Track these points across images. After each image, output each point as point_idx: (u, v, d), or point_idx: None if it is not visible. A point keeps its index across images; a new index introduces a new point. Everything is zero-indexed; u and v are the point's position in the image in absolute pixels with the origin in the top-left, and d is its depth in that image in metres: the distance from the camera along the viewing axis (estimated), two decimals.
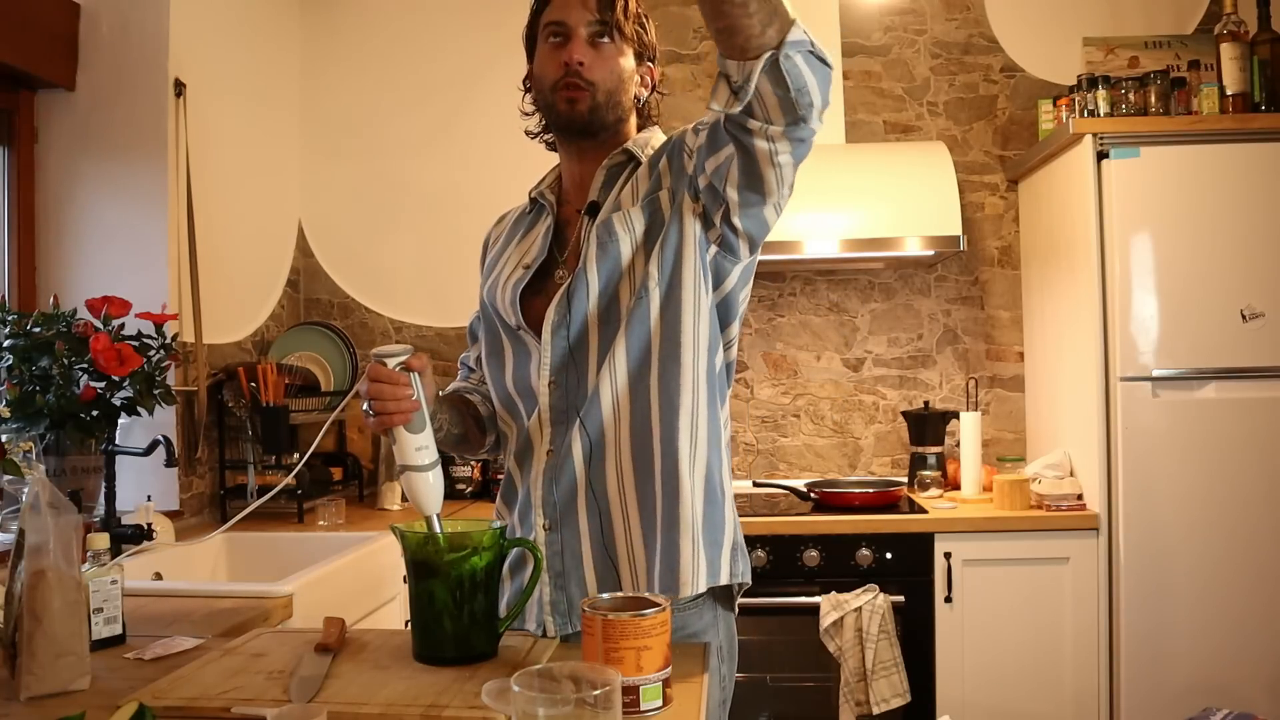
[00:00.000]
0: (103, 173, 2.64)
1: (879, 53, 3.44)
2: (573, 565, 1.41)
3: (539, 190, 1.55)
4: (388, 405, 1.26)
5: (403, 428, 1.27)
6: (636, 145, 1.48)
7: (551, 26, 1.45)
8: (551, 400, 1.42)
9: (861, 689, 2.60)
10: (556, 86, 1.44)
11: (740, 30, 1.13)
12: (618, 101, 1.46)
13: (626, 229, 1.40)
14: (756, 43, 1.13)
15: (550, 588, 1.41)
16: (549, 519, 1.42)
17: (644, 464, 1.38)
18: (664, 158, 1.45)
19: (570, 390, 1.41)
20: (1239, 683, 2.63)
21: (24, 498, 1.22)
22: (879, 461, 3.41)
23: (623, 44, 1.44)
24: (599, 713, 0.90)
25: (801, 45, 1.15)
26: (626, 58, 1.45)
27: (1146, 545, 2.67)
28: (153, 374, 2.28)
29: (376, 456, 3.30)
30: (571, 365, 1.41)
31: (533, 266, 1.46)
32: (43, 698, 1.18)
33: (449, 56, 3.45)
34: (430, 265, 3.46)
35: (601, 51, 1.43)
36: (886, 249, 2.94)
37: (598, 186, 1.47)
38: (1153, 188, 2.70)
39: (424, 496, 1.28)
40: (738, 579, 1.43)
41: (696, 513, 1.37)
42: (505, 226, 1.61)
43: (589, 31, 1.42)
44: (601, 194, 1.46)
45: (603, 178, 1.47)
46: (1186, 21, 3.29)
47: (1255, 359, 2.66)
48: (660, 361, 1.38)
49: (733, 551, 1.42)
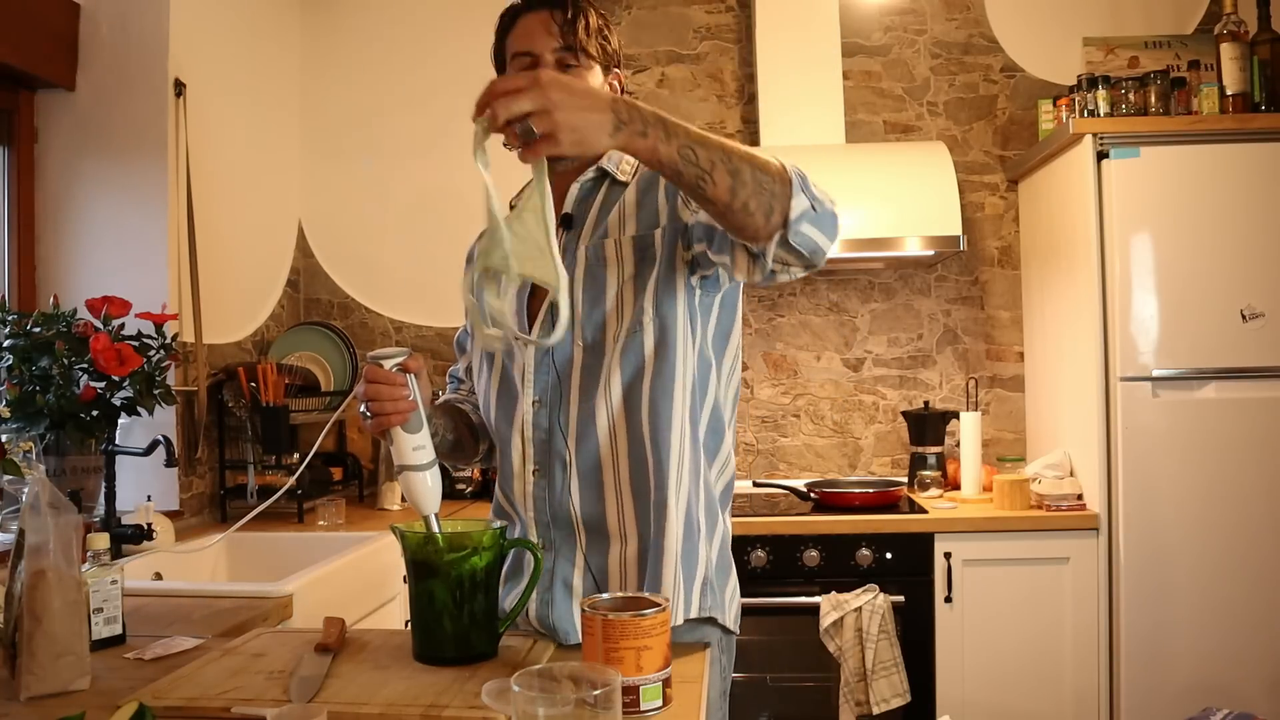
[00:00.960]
0: (103, 173, 2.64)
1: (879, 53, 3.44)
2: (561, 592, 1.41)
3: (519, 200, 1.55)
4: (385, 406, 1.27)
5: (400, 428, 1.28)
6: (610, 162, 1.48)
7: (519, 57, 1.44)
8: (535, 419, 1.43)
9: (861, 689, 2.60)
10: None
11: (746, 227, 1.17)
12: None
13: (617, 260, 1.40)
14: (765, 232, 1.17)
15: (537, 604, 1.42)
16: (542, 539, 1.43)
17: (641, 492, 1.39)
18: (660, 195, 1.42)
19: (553, 410, 1.42)
20: (1239, 683, 2.63)
21: (24, 498, 1.22)
22: (879, 461, 3.41)
23: (589, 63, 1.44)
24: (599, 713, 0.90)
25: (805, 215, 1.17)
26: (594, 75, 1.45)
27: (1146, 545, 2.67)
28: (153, 374, 2.28)
29: (376, 456, 3.30)
30: (556, 385, 1.42)
31: None
32: (43, 698, 1.18)
33: (449, 57, 3.45)
34: (430, 265, 3.46)
35: (572, 73, 1.42)
36: (886, 249, 2.94)
37: (573, 199, 1.47)
38: (1153, 188, 2.70)
39: (422, 496, 1.28)
40: (707, 612, 1.41)
41: (677, 545, 1.38)
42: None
43: (555, 58, 1.42)
44: (577, 208, 1.47)
45: (577, 192, 1.48)
46: (1186, 21, 3.29)
47: (1255, 359, 2.66)
48: (651, 398, 1.38)
49: (703, 586, 1.41)
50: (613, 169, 1.48)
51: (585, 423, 1.40)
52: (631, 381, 1.39)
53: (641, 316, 1.39)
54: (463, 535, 1.25)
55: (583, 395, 1.40)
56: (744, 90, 3.46)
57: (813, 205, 1.18)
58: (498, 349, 1.44)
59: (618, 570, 1.40)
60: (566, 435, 1.41)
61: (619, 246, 1.40)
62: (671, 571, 1.36)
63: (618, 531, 1.40)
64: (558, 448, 1.42)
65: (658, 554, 1.37)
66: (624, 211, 1.43)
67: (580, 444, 1.40)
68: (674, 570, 1.37)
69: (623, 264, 1.40)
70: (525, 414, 1.43)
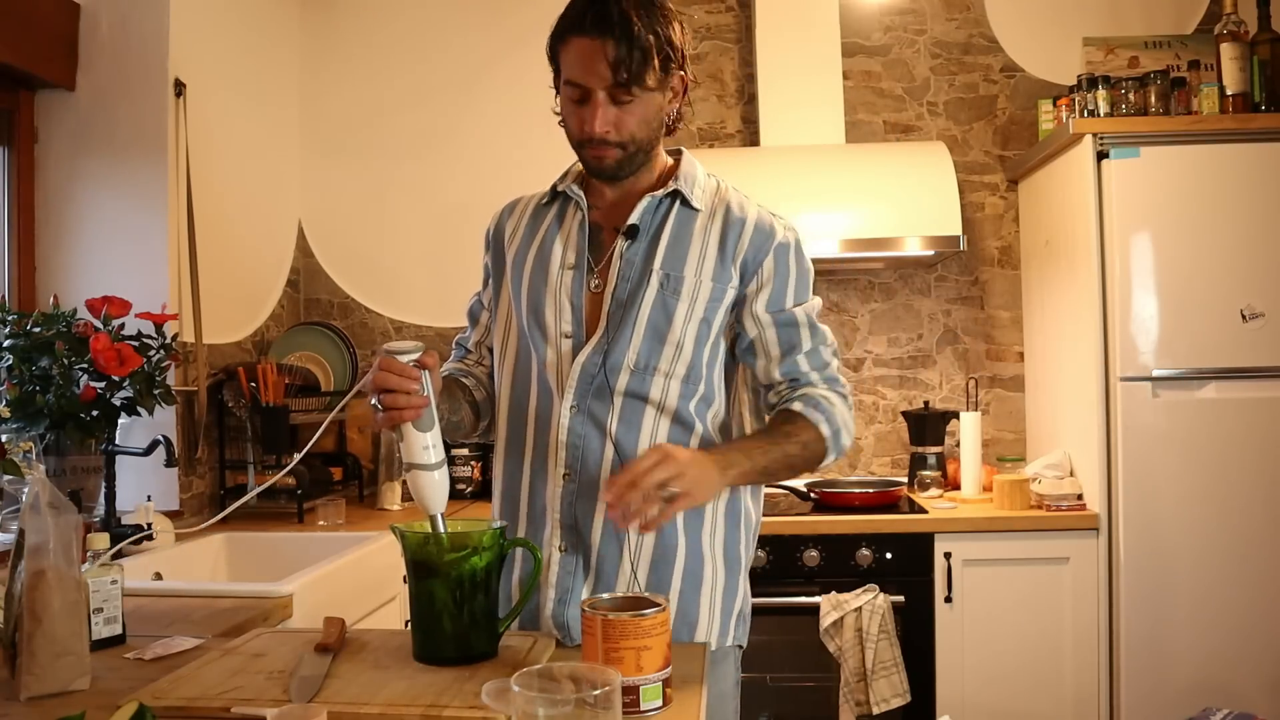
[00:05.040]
0: (103, 173, 2.64)
1: (879, 53, 3.44)
2: (581, 590, 1.43)
3: (566, 185, 1.51)
4: (398, 400, 1.24)
5: (411, 425, 1.26)
6: (685, 184, 1.46)
7: (572, 85, 1.37)
8: (571, 423, 1.42)
9: (861, 689, 2.60)
10: (582, 143, 1.40)
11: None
12: (650, 147, 1.43)
13: (691, 297, 1.42)
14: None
15: (554, 603, 1.43)
16: (566, 542, 1.43)
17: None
18: (747, 261, 1.45)
19: (592, 418, 1.42)
20: (1239, 683, 2.63)
21: (24, 498, 1.22)
22: (879, 461, 3.41)
23: (644, 93, 1.37)
24: (599, 713, 0.90)
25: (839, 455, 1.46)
26: (655, 95, 1.38)
27: (1146, 545, 2.67)
28: (153, 374, 2.28)
29: (376, 456, 3.29)
30: (601, 395, 1.42)
31: (576, 268, 1.45)
32: (43, 698, 1.18)
33: (449, 56, 3.45)
34: (430, 265, 3.46)
35: (627, 108, 1.37)
36: (886, 249, 2.94)
37: (640, 212, 1.45)
38: (1153, 188, 2.70)
39: (429, 495, 1.26)
40: (738, 641, 1.51)
41: (718, 580, 1.46)
42: (522, 218, 1.56)
43: (609, 94, 1.35)
44: (643, 220, 1.45)
45: (647, 204, 1.45)
46: (1186, 21, 3.28)
47: (1255, 359, 2.66)
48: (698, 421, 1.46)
49: (738, 619, 1.51)
50: (686, 191, 1.46)
51: (627, 435, 1.42)
52: (675, 410, 1.43)
53: (698, 361, 1.43)
54: (463, 535, 1.25)
55: (625, 411, 1.42)
56: (744, 90, 3.46)
57: (840, 448, 1.45)
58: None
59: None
60: (608, 442, 1.42)
61: (698, 284, 1.42)
62: (708, 600, 1.46)
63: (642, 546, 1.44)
64: (594, 455, 1.42)
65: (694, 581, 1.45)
66: (705, 249, 1.44)
67: (620, 453, 1.41)
68: (709, 599, 1.46)
69: (696, 302, 1.42)
70: (561, 418, 1.43)
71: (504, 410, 1.51)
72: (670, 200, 1.46)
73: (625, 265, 1.43)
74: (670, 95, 1.43)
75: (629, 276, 1.42)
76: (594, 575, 1.43)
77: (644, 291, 1.41)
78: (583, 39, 1.34)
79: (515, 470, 1.49)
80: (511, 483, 1.50)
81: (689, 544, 1.43)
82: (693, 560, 1.43)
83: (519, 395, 1.49)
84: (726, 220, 1.45)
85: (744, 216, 1.46)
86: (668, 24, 1.37)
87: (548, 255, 1.48)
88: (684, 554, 1.43)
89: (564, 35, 1.37)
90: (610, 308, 1.42)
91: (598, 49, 1.32)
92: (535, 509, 1.47)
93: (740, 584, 1.50)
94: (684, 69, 1.43)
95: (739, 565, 1.50)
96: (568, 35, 1.36)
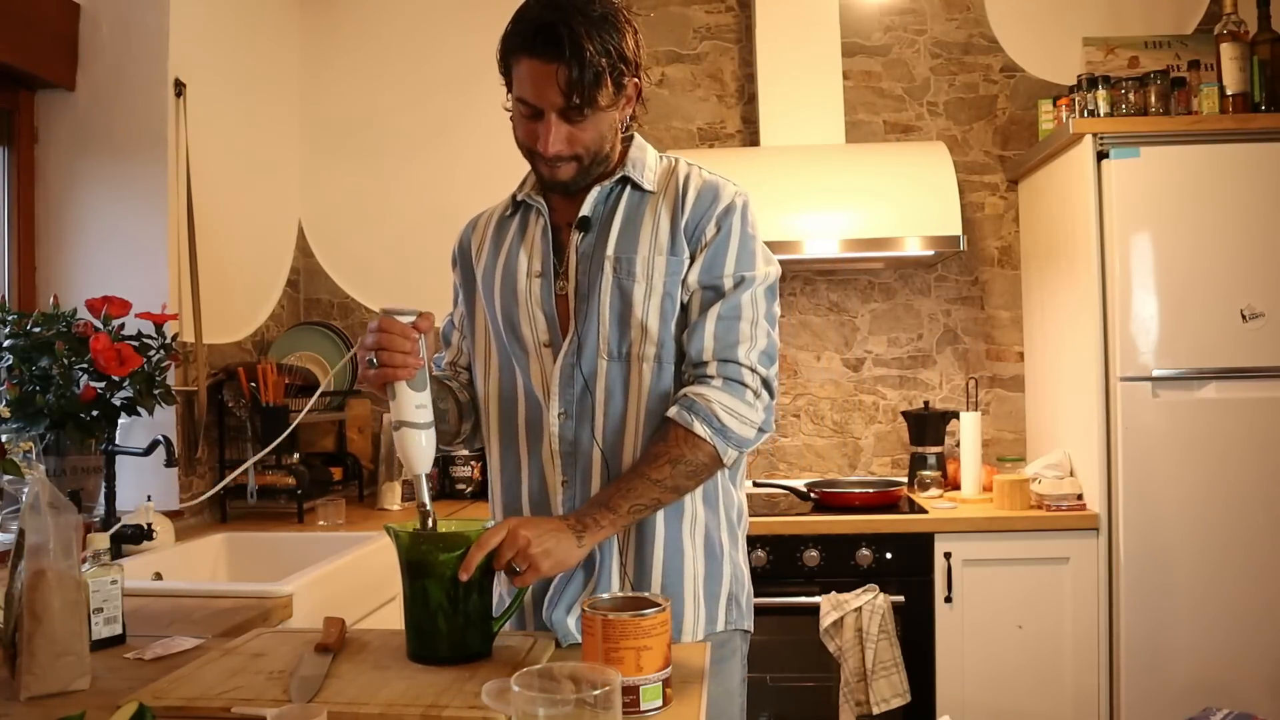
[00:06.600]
0: (103, 173, 2.64)
1: (879, 53, 3.44)
2: (575, 593, 1.43)
3: (525, 193, 1.51)
4: (395, 358, 1.26)
5: (405, 383, 1.27)
6: (634, 169, 1.45)
7: (523, 103, 1.35)
8: (561, 431, 1.43)
9: (861, 689, 2.60)
10: (535, 156, 1.40)
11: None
12: (604, 156, 1.41)
13: (646, 277, 1.40)
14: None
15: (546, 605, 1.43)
16: None
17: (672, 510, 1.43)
18: (690, 225, 1.41)
19: (580, 422, 1.42)
20: (1239, 683, 2.63)
21: (24, 498, 1.22)
22: (879, 461, 3.41)
23: (595, 112, 1.34)
24: (599, 713, 0.90)
25: (742, 445, 1.40)
26: (609, 109, 1.36)
27: (1146, 545, 2.67)
28: (153, 374, 2.28)
29: (376, 456, 3.30)
30: (583, 398, 1.42)
31: (544, 275, 1.45)
32: (43, 698, 1.18)
33: (449, 56, 3.45)
34: (430, 264, 3.45)
35: (580, 125, 1.35)
36: (886, 249, 2.94)
37: (591, 202, 1.45)
38: (1153, 188, 2.70)
39: (417, 455, 1.29)
40: (733, 625, 1.49)
41: (698, 569, 1.45)
42: (486, 231, 1.56)
43: (562, 114, 1.33)
44: (595, 211, 1.45)
45: (597, 194, 1.45)
46: (1186, 21, 3.29)
47: (1255, 359, 2.66)
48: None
49: (728, 602, 1.48)
50: (636, 176, 1.45)
51: (614, 433, 1.42)
52: (660, 393, 1.42)
53: (667, 338, 1.41)
54: (457, 535, 1.25)
55: (609, 406, 1.42)
56: (744, 90, 3.46)
57: (741, 448, 1.40)
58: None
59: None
60: (595, 446, 1.42)
61: (649, 264, 1.40)
62: (691, 595, 1.44)
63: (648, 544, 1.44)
64: (585, 458, 1.42)
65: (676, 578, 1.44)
66: (657, 227, 1.42)
67: (610, 454, 1.42)
68: (692, 593, 1.44)
69: (652, 281, 1.40)
70: (551, 427, 1.43)
71: (494, 425, 1.51)
72: (620, 186, 1.46)
73: (581, 258, 1.43)
74: (624, 103, 1.40)
75: (586, 269, 1.42)
76: (584, 577, 1.43)
77: (600, 280, 1.40)
78: (533, 61, 1.31)
79: (513, 484, 1.49)
80: (511, 497, 1.50)
81: (668, 537, 1.42)
82: (671, 552, 1.43)
83: (507, 409, 1.49)
84: (676, 193, 1.44)
85: (689, 184, 1.45)
86: (620, 38, 1.34)
87: (514, 266, 1.47)
88: (663, 548, 1.42)
89: (515, 53, 1.34)
90: (575, 304, 1.42)
91: (549, 73, 1.30)
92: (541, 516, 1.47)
93: (724, 568, 1.47)
94: (637, 75, 1.40)
95: (720, 550, 1.47)
96: (519, 54, 1.33)
